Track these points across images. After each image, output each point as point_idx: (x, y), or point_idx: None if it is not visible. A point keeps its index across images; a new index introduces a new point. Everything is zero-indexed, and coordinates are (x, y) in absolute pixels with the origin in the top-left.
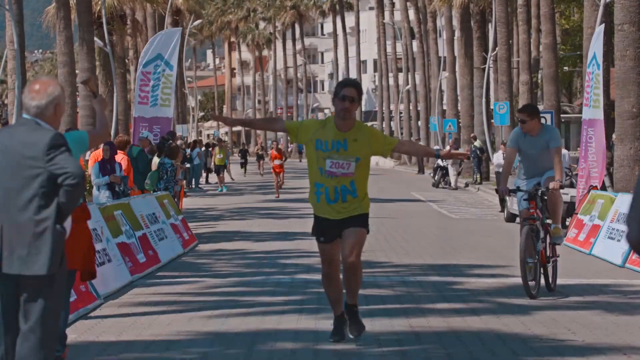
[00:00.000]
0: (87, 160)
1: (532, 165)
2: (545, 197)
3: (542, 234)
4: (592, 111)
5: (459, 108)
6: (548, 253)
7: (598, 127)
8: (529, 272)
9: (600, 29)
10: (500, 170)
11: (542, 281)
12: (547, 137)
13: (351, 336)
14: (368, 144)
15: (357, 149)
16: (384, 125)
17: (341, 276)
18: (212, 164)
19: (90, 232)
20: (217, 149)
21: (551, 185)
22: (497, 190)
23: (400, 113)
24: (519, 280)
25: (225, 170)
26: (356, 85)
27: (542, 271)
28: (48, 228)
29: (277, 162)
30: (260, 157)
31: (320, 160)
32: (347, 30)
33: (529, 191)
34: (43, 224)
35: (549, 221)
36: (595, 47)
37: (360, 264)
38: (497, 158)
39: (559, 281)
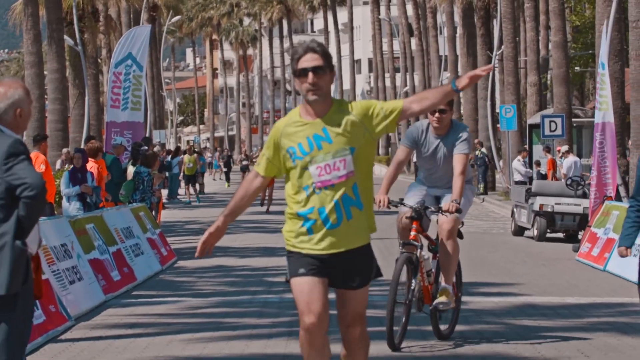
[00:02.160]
0: (59, 170)
1: (434, 174)
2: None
3: (431, 265)
4: (600, 114)
5: (461, 112)
6: (432, 290)
7: (607, 131)
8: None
9: (606, 26)
10: (521, 178)
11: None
12: (454, 137)
13: None
14: (360, 124)
15: (346, 135)
16: None
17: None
18: (182, 173)
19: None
20: (186, 157)
21: (444, 206)
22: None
23: None
24: (527, 300)
25: (195, 181)
26: (318, 49)
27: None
28: (7, 244)
29: None
30: (244, 169)
31: (302, 175)
32: (340, 26)
33: (415, 208)
34: (1, 240)
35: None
36: (602, 45)
37: (366, 329)
38: (515, 164)
39: (571, 300)
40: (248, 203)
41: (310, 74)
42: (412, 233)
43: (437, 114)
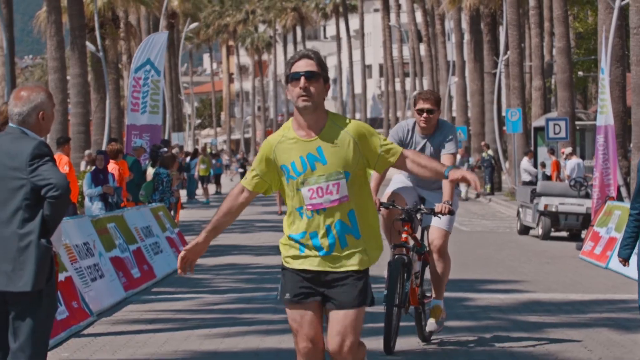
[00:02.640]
0: (83, 172)
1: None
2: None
3: (417, 267)
4: (601, 117)
5: (469, 115)
6: (424, 292)
7: (608, 134)
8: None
9: (606, 33)
10: (529, 178)
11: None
12: (441, 137)
13: None
14: (355, 147)
15: (341, 157)
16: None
17: None
18: (197, 174)
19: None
20: (200, 158)
21: (437, 207)
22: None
23: None
24: (532, 296)
25: (208, 182)
26: (313, 56)
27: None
28: (32, 242)
29: None
30: None
31: (295, 195)
32: (351, 33)
33: (407, 209)
34: (27, 238)
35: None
36: (602, 51)
37: (357, 351)
38: (524, 164)
39: (574, 296)
40: (232, 219)
41: (302, 79)
42: (404, 235)
43: (425, 114)
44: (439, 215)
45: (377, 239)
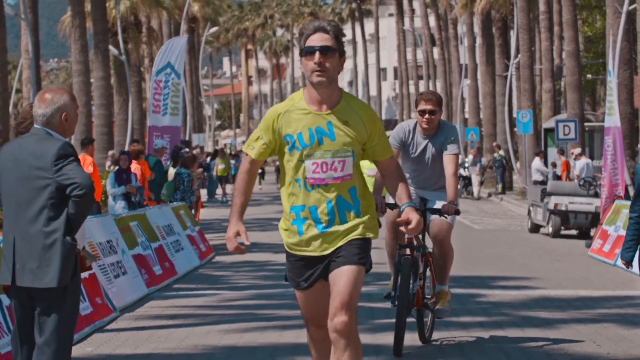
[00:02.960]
0: (107, 172)
1: (419, 175)
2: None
3: (420, 268)
4: (609, 119)
5: (481, 116)
6: (428, 294)
7: (614, 134)
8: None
9: (614, 37)
10: (540, 177)
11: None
12: (442, 138)
13: None
14: (363, 128)
15: (350, 136)
16: None
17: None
18: (214, 174)
19: None
20: (218, 159)
21: (443, 208)
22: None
23: None
24: (542, 293)
25: (227, 182)
26: (329, 29)
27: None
28: (58, 240)
29: None
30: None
31: (297, 167)
32: (367, 37)
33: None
34: (53, 236)
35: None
36: (610, 54)
37: (355, 326)
38: (536, 164)
39: (583, 293)
40: (251, 194)
41: (317, 53)
42: (409, 235)
43: (427, 115)
44: (445, 215)
45: (375, 218)
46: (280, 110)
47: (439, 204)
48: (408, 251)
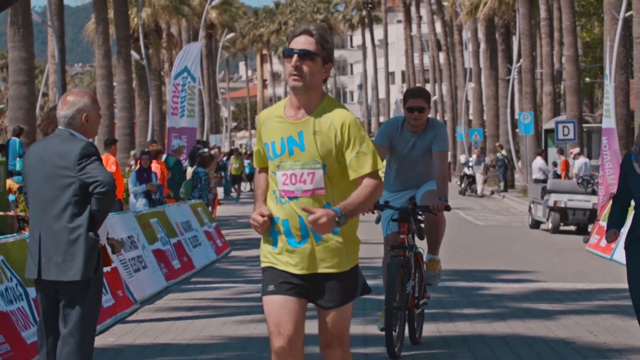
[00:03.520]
0: (129, 171)
1: (407, 173)
2: (422, 218)
3: (412, 269)
4: (606, 120)
5: (484, 118)
6: (416, 293)
7: (610, 136)
8: (396, 320)
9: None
10: (543, 176)
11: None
12: (430, 135)
13: None
14: (334, 138)
15: (321, 146)
16: None
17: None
18: (229, 173)
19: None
20: (232, 158)
21: (432, 205)
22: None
23: None
24: (543, 286)
25: (240, 180)
26: (315, 32)
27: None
28: (81, 235)
29: None
30: None
31: (272, 177)
32: (376, 42)
33: (402, 209)
34: (76, 232)
35: (421, 250)
36: (607, 59)
37: (349, 356)
38: (539, 163)
39: (581, 286)
40: (265, 192)
41: (295, 57)
42: (402, 236)
43: (415, 112)
44: (434, 212)
45: (355, 237)
46: (262, 118)
47: (426, 198)
48: (401, 251)
